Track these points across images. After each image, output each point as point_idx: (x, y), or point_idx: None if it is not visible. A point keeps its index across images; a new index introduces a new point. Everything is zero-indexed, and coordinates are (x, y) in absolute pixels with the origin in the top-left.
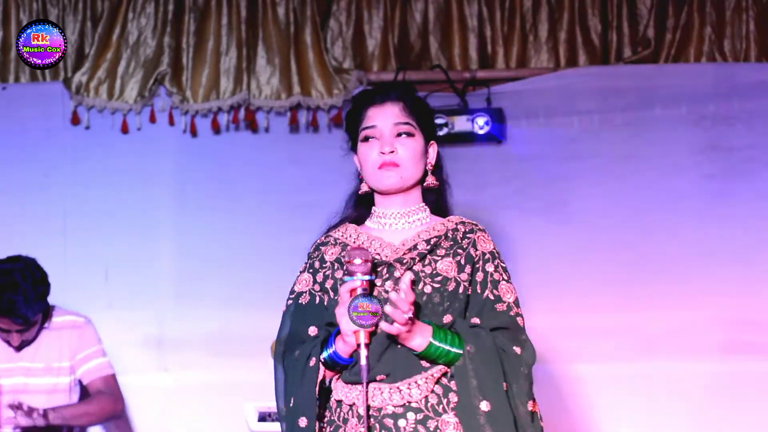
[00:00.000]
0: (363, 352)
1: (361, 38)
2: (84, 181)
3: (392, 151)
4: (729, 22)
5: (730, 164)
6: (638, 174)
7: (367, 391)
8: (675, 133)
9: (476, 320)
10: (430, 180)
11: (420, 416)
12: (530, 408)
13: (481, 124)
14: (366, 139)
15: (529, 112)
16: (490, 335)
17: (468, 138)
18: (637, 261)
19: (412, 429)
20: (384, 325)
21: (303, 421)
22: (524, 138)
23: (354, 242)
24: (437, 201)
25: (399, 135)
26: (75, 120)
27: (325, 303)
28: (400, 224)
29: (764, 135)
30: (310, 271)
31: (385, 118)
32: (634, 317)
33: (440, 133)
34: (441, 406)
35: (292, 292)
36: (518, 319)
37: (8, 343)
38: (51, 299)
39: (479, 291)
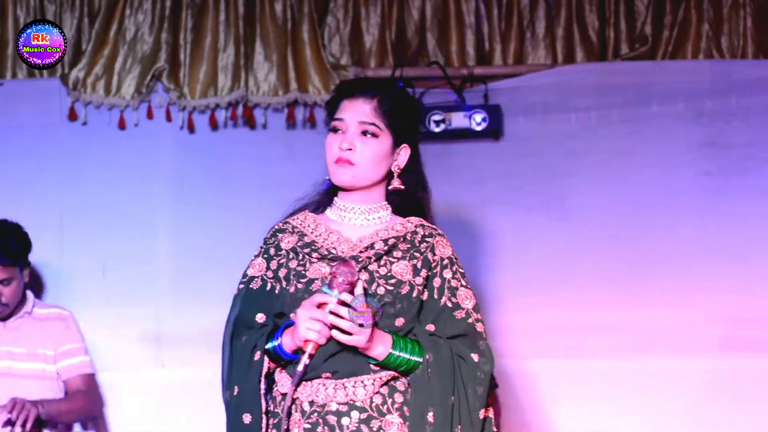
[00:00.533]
0: (304, 360)
1: (359, 35)
2: (81, 178)
3: (350, 149)
4: (726, 18)
5: (727, 161)
6: (636, 171)
7: (293, 393)
8: (672, 130)
9: (431, 327)
10: (396, 183)
11: (364, 416)
12: (482, 415)
13: (478, 121)
14: (334, 130)
15: (526, 109)
16: (447, 345)
17: (465, 134)
18: (636, 257)
19: (355, 428)
20: (343, 338)
21: (247, 418)
22: (522, 134)
23: (311, 232)
24: (403, 202)
25: (363, 133)
26: (72, 116)
27: (276, 291)
28: (360, 220)
29: (762, 132)
30: (265, 256)
31: (354, 113)
32: (632, 314)
33: (437, 130)
34: (385, 407)
35: (244, 275)
36: (477, 325)
37: None
38: (48, 295)
39: (436, 297)
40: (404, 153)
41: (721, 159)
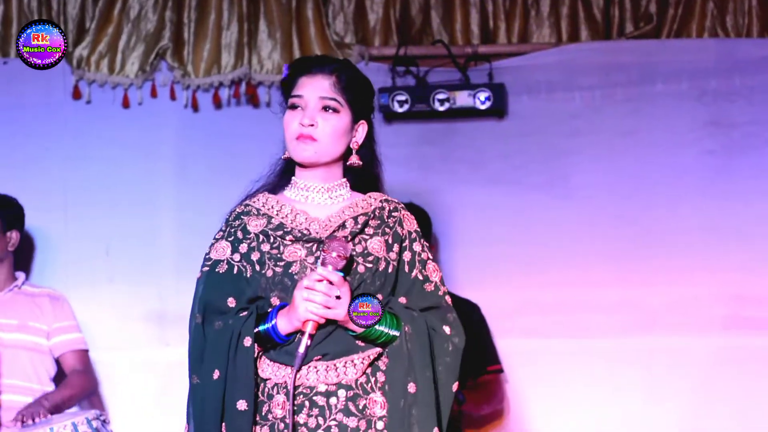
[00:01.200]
0: (305, 341)
1: (363, 13)
2: (85, 156)
3: (312, 125)
4: None
5: (731, 140)
6: (640, 149)
7: (295, 377)
8: (677, 109)
9: (403, 300)
10: (354, 159)
11: (350, 393)
12: (454, 388)
13: (482, 99)
14: (292, 107)
15: (530, 88)
16: (422, 317)
17: (469, 113)
18: (639, 236)
19: (342, 406)
20: (322, 312)
21: (243, 404)
22: (526, 113)
23: (276, 214)
24: (359, 178)
25: (324, 109)
26: (76, 95)
27: (247, 275)
28: (322, 199)
29: (765, 111)
30: (230, 239)
31: (313, 89)
32: (635, 292)
33: (441, 109)
34: (369, 385)
35: (207, 259)
36: (446, 297)
37: None
38: (52, 275)
39: (407, 270)
40: (362, 129)
41: (725, 138)
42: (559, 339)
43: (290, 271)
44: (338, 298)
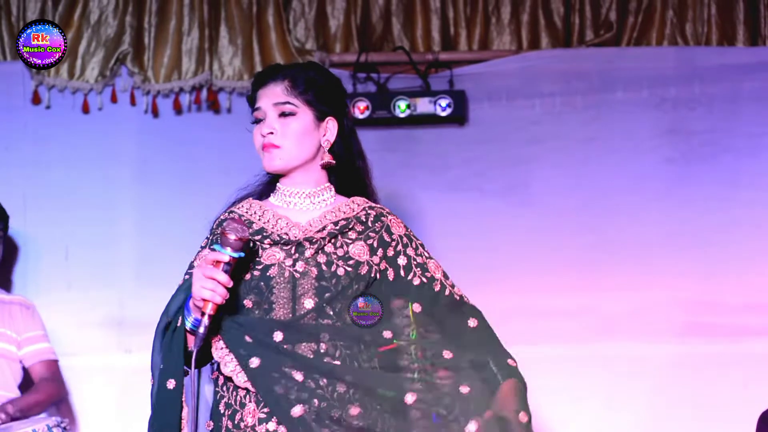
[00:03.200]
0: (204, 321)
1: (324, 19)
2: (44, 161)
3: (271, 132)
4: (690, 5)
5: (690, 148)
6: (600, 157)
7: (195, 356)
8: (636, 116)
9: (417, 307)
10: (326, 158)
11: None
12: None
13: (443, 106)
14: (256, 121)
15: (491, 94)
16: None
17: (430, 120)
18: (599, 243)
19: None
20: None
21: (171, 383)
22: (486, 120)
23: (258, 219)
24: (343, 178)
25: (281, 115)
26: (36, 100)
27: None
28: (305, 204)
29: (724, 119)
30: (212, 247)
31: (267, 99)
32: (594, 298)
33: (402, 116)
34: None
35: (190, 266)
36: (455, 290)
37: None
38: (7, 280)
39: (403, 275)
40: (332, 126)
41: (684, 146)
42: (518, 346)
43: (268, 274)
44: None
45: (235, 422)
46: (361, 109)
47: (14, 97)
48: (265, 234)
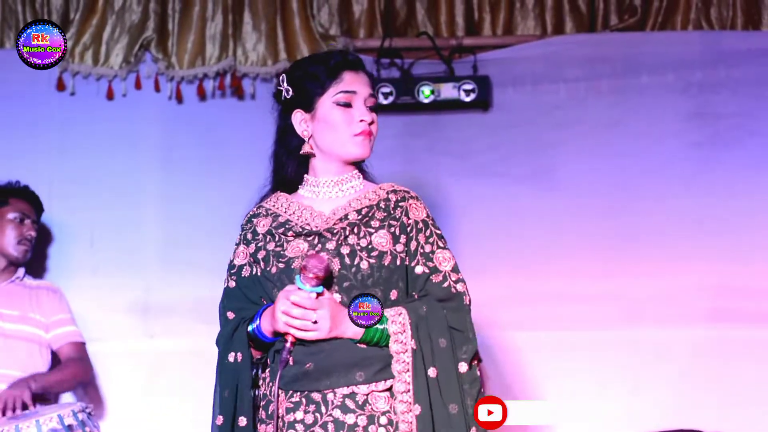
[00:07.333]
0: (287, 347)
1: (348, 4)
2: (69, 148)
3: (372, 122)
4: None
5: (715, 132)
6: (625, 141)
7: (279, 378)
8: (661, 101)
9: (416, 297)
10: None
11: (348, 390)
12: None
13: (467, 91)
14: (345, 103)
15: (515, 80)
16: (425, 299)
17: (454, 105)
18: (624, 227)
19: (340, 403)
20: (300, 335)
21: (242, 421)
22: (510, 105)
23: (285, 212)
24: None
25: (370, 107)
26: (60, 86)
27: (258, 273)
28: (333, 192)
29: (750, 103)
30: (245, 243)
31: (362, 86)
32: (620, 284)
33: (426, 101)
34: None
35: (231, 266)
36: (458, 285)
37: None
38: (36, 265)
39: (408, 263)
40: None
41: (710, 130)
42: (545, 331)
43: (292, 266)
44: (315, 322)
45: (269, 413)
46: (385, 95)
47: (39, 84)
48: (287, 226)
